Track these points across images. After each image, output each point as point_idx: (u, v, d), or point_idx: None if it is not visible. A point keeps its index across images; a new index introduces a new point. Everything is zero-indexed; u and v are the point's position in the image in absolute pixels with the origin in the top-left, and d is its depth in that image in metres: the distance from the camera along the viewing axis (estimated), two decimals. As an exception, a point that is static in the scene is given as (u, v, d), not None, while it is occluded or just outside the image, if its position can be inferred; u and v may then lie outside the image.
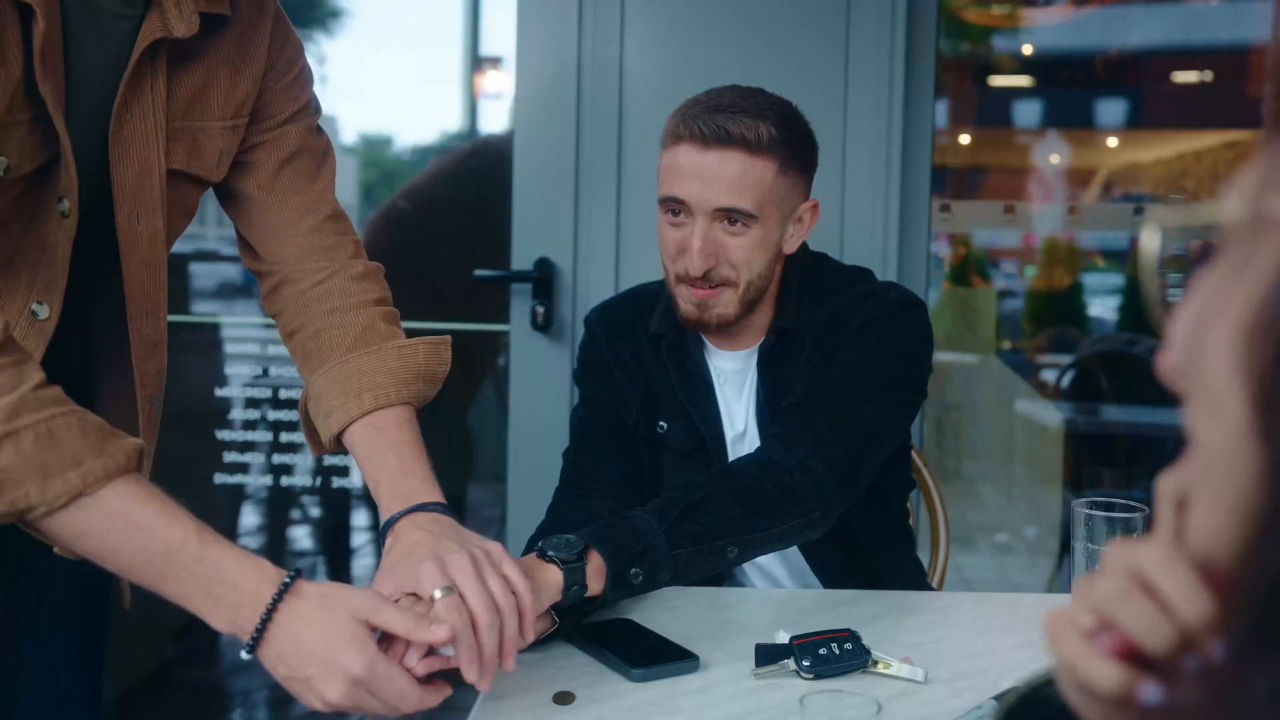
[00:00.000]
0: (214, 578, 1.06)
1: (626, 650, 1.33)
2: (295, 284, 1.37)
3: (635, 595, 1.42)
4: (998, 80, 4.58)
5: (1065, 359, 4.13)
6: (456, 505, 3.18)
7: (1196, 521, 0.50)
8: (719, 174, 1.57)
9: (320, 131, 1.43)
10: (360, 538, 3.31)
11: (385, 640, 1.12)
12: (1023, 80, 4.67)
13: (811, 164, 1.67)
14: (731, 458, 1.68)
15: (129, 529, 1.05)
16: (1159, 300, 0.53)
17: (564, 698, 1.24)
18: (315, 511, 3.18)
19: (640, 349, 1.75)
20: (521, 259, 2.46)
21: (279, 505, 3.11)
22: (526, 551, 1.36)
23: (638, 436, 1.74)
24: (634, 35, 2.42)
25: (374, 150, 3.96)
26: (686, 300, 1.63)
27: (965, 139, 4.45)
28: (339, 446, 1.34)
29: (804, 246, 1.72)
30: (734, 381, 1.72)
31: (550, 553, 1.30)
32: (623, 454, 1.72)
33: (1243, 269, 0.45)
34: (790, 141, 1.61)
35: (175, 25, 1.20)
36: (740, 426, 1.71)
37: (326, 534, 3.22)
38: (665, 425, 1.72)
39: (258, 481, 2.89)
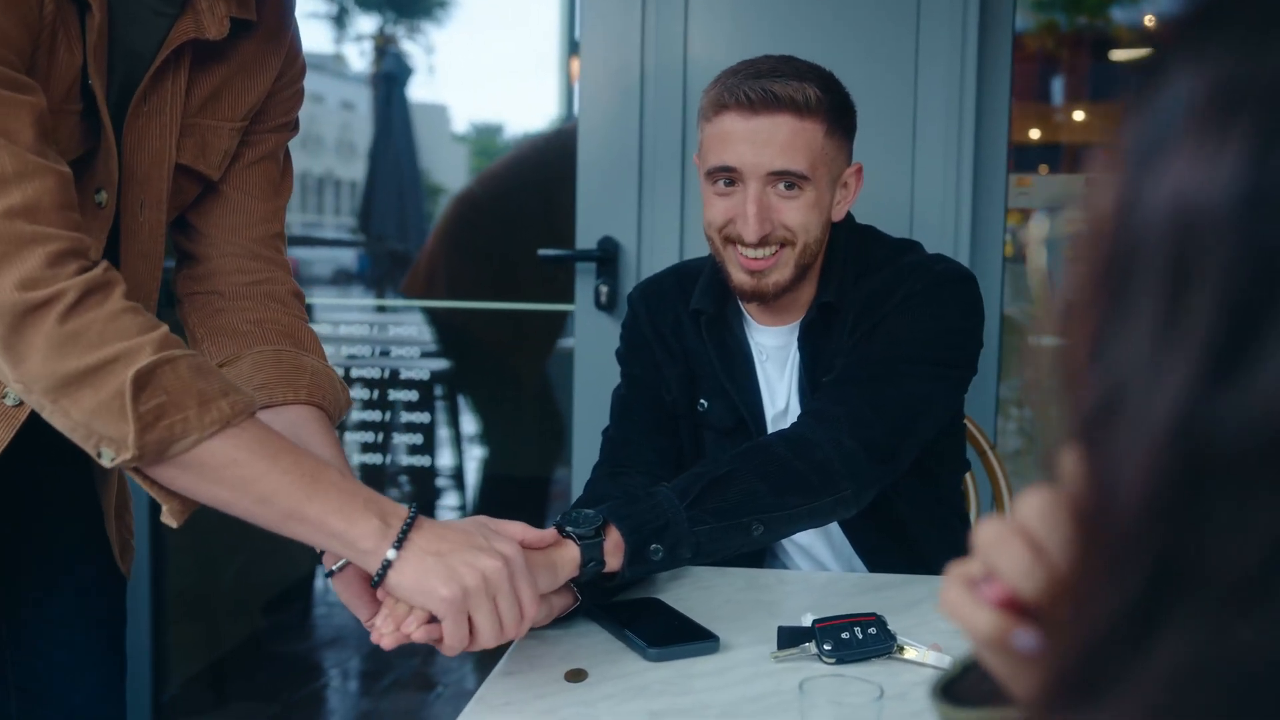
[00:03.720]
0: (359, 491, 1.14)
1: (647, 629, 1.31)
2: (229, 275, 1.40)
3: (656, 572, 1.40)
4: (1120, 54, 4.41)
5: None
6: (544, 486, 3.25)
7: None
8: (770, 137, 1.53)
9: (288, 151, 1.48)
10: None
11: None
12: (1146, 53, 4.48)
13: (852, 128, 1.63)
14: None
15: (276, 453, 1.11)
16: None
17: (576, 675, 1.23)
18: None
19: (681, 325, 1.72)
20: (586, 238, 2.45)
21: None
22: None
23: (678, 415, 1.71)
24: (698, 11, 2.39)
25: (485, 138, 3.99)
26: (740, 270, 1.59)
27: (1079, 115, 4.30)
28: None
29: (850, 219, 1.68)
30: (776, 358, 1.68)
31: (568, 528, 1.29)
32: (661, 432, 1.70)
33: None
34: (834, 104, 1.57)
35: (208, 26, 1.25)
36: (782, 404, 1.68)
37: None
38: (706, 403, 1.69)
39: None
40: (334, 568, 1.23)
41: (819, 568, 1.70)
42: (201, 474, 1.09)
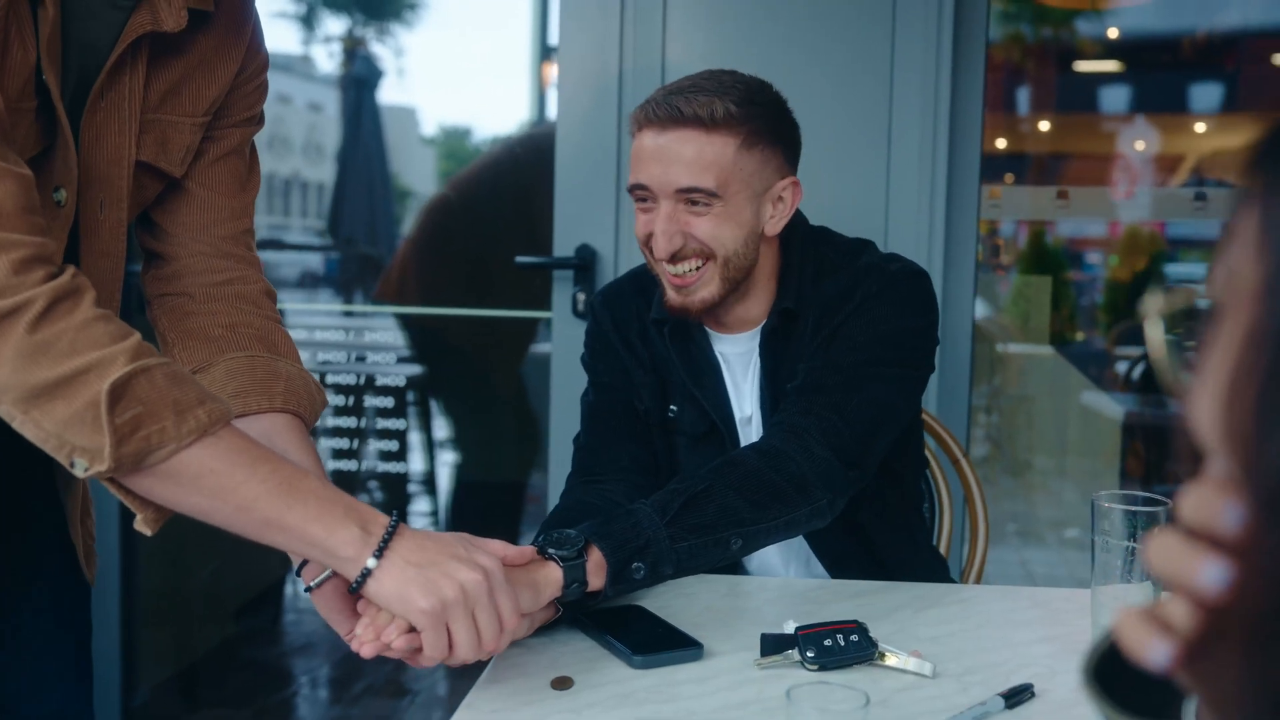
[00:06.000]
0: (338, 499, 1.13)
1: (631, 637, 1.32)
2: (199, 275, 1.37)
3: (638, 589, 1.41)
4: (1083, 65, 4.46)
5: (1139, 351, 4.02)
6: (519, 491, 3.25)
7: None
8: (677, 155, 1.53)
9: (254, 146, 1.45)
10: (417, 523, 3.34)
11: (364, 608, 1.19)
12: (1109, 65, 4.54)
13: (785, 140, 1.61)
14: (742, 440, 1.66)
15: (255, 461, 1.10)
16: (1174, 381, 0.52)
17: (562, 683, 1.24)
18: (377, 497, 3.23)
19: (647, 331, 1.72)
20: (563, 245, 2.46)
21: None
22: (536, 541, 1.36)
23: (651, 422, 1.71)
24: (676, 20, 2.40)
25: (453, 141, 3.98)
26: (669, 287, 1.60)
27: (1045, 125, 4.34)
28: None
29: (804, 222, 1.68)
30: (738, 365, 1.68)
31: (550, 550, 1.30)
32: (633, 438, 1.70)
33: (1221, 340, 0.46)
34: (754, 117, 1.55)
35: (165, 19, 1.22)
36: (748, 410, 1.68)
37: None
38: (675, 409, 1.70)
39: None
40: (313, 583, 1.22)
41: (767, 572, 1.71)
42: (179, 483, 1.08)
